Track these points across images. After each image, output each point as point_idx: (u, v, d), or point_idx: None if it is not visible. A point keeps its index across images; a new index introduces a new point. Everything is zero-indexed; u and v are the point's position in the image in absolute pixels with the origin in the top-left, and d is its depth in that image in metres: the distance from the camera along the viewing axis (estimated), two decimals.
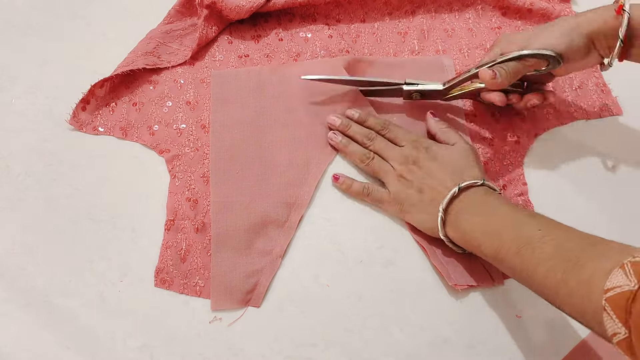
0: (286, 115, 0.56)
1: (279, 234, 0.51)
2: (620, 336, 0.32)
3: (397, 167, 0.51)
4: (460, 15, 0.64)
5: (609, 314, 0.32)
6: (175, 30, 0.61)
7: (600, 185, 0.54)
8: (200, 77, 0.59)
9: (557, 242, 0.39)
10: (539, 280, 0.39)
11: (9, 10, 0.64)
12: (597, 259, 0.35)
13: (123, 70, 0.57)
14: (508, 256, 0.42)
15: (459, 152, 0.51)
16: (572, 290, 0.36)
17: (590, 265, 0.36)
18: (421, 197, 0.49)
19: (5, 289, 0.48)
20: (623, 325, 0.31)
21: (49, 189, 0.53)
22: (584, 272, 0.36)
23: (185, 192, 0.52)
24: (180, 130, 0.56)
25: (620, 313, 0.32)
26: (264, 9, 0.61)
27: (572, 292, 0.36)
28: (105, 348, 0.46)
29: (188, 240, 0.50)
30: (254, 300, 0.48)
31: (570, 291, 0.36)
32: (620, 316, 0.32)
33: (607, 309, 0.33)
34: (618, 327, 0.32)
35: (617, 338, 0.32)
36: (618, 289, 0.32)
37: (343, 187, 0.53)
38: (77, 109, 0.56)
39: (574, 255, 0.37)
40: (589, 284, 0.35)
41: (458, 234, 0.46)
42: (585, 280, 0.35)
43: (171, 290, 0.48)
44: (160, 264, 0.49)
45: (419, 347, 0.46)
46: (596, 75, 0.60)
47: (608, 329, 0.33)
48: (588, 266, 0.36)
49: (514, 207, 0.45)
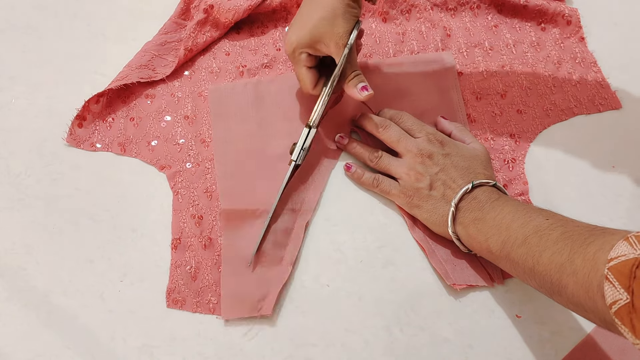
0: (287, 124, 0.56)
1: (287, 242, 0.50)
2: (621, 302, 0.31)
3: (410, 159, 0.51)
4: (457, 15, 0.64)
5: (610, 282, 0.32)
6: (170, 42, 0.61)
7: (600, 181, 0.54)
8: (197, 90, 0.58)
9: (565, 229, 0.39)
10: (544, 265, 0.39)
11: (9, 10, 0.64)
12: (603, 237, 0.35)
13: (117, 85, 0.56)
14: (514, 247, 0.41)
15: (473, 151, 0.51)
16: (577, 268, 0.36)
17: (596, 242, 0.35)
18: (432, 192, 0.49)
19: (5, 289, 0.48)
20: (625, 290, 0.31)
21: (49, 189, 0.53)
22: (589, 249, 0.35)
23: (190, 208, 0.52)
24: (179, 145, 0.55)
25: (623, 279, 0.31)
26: (261, 8, 0.61)
27: (576, 270, 0.36)
28: (105, 348, 0.46)
29: (197, 257, 0.50)
30: (265, 308, 0.47)
31: (575, 269, 0.36)
32: (622, 282, 0.31)
33: (609, 277, 0.32)
34: (620, 294, 0.31)
35: (617, 305, 0.32)
36: (622, 257, 0.32)
37: (354, 177, 0.53)
38: (74, 126, 0.56)
39: (582, 236, 0.37)
40: (594, 260, 0.34)
41: (467, 230, 0.46)
42: (591, 257, 0.35)
43: (184, 310, 0.48)
44: (171, 284, 0.49)
45: (419, 347, 0.46)
46: (595, 70, 0.60)
47: (608, 297, 0.32)
48: (594, 244, 0.35)
49: (523, 204, 0.45)
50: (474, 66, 0.60)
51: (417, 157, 0.50)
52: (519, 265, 0.42)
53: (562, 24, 0.62)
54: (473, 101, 0.58)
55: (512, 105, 0.58)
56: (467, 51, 0.61)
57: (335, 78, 0.50)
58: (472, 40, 0.62)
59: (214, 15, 0.60)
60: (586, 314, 0.37)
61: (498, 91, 0.59)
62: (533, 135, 0.56)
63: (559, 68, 0.60)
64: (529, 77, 0.60)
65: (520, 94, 0.59)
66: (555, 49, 0.61)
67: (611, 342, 0.46)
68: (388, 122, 0.53)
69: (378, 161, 0.53)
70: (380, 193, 0.52)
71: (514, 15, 0.64)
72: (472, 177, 0.48)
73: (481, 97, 0.59)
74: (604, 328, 0.36)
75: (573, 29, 0.62)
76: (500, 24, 0.63)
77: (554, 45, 0.62)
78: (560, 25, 0.63)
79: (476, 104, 0.58)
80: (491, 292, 0.49)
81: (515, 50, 0.61)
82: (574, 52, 0.61)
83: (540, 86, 0.59)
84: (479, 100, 0.58)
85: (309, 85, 0.52)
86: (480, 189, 0.47)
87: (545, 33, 0.63)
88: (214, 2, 0.60)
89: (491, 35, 0.62)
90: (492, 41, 0.62)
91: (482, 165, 0.50)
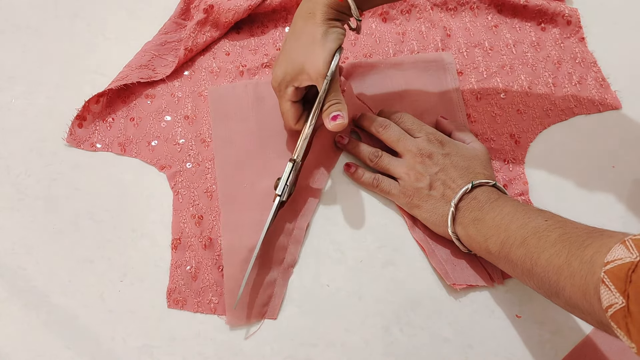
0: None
1: (288, 243, 0.50)
2: (616, 306, 0.31)
3: (410, 159, 0.51)
4: (457, 15, 0.64)
5: (606, 286, 0.32)
6: (170, 42, 0.61)
7: (600, 181, 0.54)
8: (197, 90, 0.58)
9: (563, 230, 0.39)
10: (542, 266, 0.39)
11: (9, 10, 0.64)
12: (601, 239, 0.35)
13: (117, 85, 0.56)
14: (513, 248, 0.42)
15: (473, 151, 0.51)
16: (574, 271, 0.36)
17: (594, 245, 0.35)
18: (432, 192, 0.49)
19: (5, 289, 0.48)
20: (621, 294, 0.31)
21: (49, 189, 0.53)
22: (587, 252, 0.35)
23: (190, 208, 0.52)
24: (179, 145, 0.55)
25: (619, 283, 0.31)
26: (261, 8, 0.61)
27: (574, 272, 0.36)
28: (105, 348, 0.46)
29: (197, 257, 0.50)
30: (270, 312, 0.47)
31: (573, 272, 0.36)
32: (618, 286, 0.31)
33: (605, 281, 0.32)
34: (615, 297, 0.31)
35: (613, 309, 0.32)
36: (619, 261, 0.32)
37: (354, 176, 0.53)
38: (74, 126, 0.55)
39: (580, 239, 0.37)
40: (591, 263, 0.34)
41: (466, 230, 0.46)
42: (588, 260, 0.35)
43: (185, 310, 0.48)
44: (172, 284, 0.49)
45: (419, 347, 0.46)
46: (595, 70, 0.60)
47: (604, 301, 0.32)
48: (592, 247, 0.35)
49: (522, 204, 0.45)
50: (474, 66, 0.60)
51: (416, 157, 0.50)
52: (517, 266, 0.42)
53: (562, 24, 0.62)
54: (473, 101, 0.58)
55: (512, 105, 0.58)
56: (467, 51, 0.61)
57: (316, 112, 0.49)
58: (472, 40, 0.62)
59: (214, 15, 0.60)
60: (583, 316, 0.37)
61: (498, 91, 0.59)
62: (533, 135, 0.56)
63: (559, 68, 0.60)
64: (529, 77, 0.60)
65: (520, 94, 0.59)
66: (555, 49, 0.61)
67: (611, 342, 0.46)
68: (388, 122, 0.53)
69: (378, 161, 0.52)
70: (380, 193, 0.52)
71: (514, 15, 0.64)
72: (472, 177, 0.48)
73: (481, 97, 0.59)
74: (601, 330, 0.36)
75: (573, 29, 0.62)
76: (500, 24, 0.63)
77: (554, 45, 0.62)
78: (560, 25, 0.63)
79: (476, 104, 0.58)
80: (491, 292, 0.49)
81: (515, 50, 0.61)
82: (574, 52, 0.61)
83: (540, 86, 0.59)
84: (479, 100, 0.58)
85: (291, 121, 0.51)
86: (480, 189, 0.47)
87: (545, 33, 0.63)
88: (214, 2, 0.60)
89: (491, 35, 0.62)
90: (492, 41, 0.62)
91: (482, 165, 0.50)
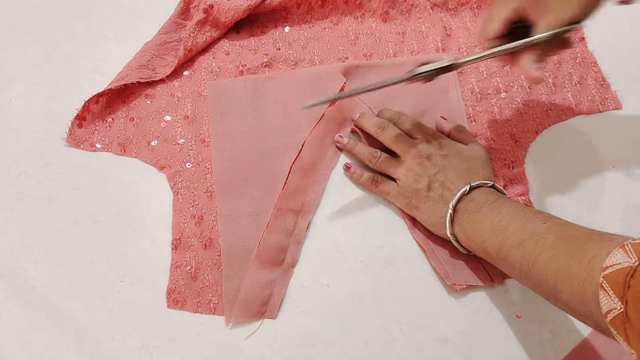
0: (286, 121, 0.56)
1: (289, 243, 0.50)
2: (615, 312, 0.31)
3: (408, 160, 0.51)
4: (457, 15, 0.64)
5: (605, 291, 0.32)
6: (169, 42, 0.61)
7: (600, 181, 0.54)
8: (197, 90, 0.58)
9: (562, 233, 0.39)
10: (540, 269, 0.39)
11: (9, 10, 0.64)
12: (600, 243, 0.35)
13: (117, 85, 0.56)
14: (510, 250, 0.42)
15: (473, 152, 0.51)
16: (572, 274, 0.36)
17: (592, 249, 0.35)
18: (430, 194, 0.49)
19: (5, 289, 0.48)
20: (620, 300, 0.31)
21: (49, 189, 0.53)
22: (585, 255, 0.35)
23: (190, 208, 0.52)
24: (179, 145, 0.55)
25: (618, 289, 0.31)
26: (261, 8, 0.61)
27: (572, 276, 0.36)
28: (105, 348, 0.46)
29: (197, 257, 0.50)
30: (269, 312, 0.48)
31: (571, 275, 0.36)
32: (617, 292, 0.31)
33: (604, 286, 0.32)
34: (614, 303, 0.31)
35: (612, 315, 0.31)
36: (617, 265, 0.32)
37: (354, 177, 0.53)
38: (73, 126, 0.55)
39: (578, 242, 0.37)
40: (590, 267, 0.34)
41: (465, 232, 0.46)
42: (586, 264, 0.35)
43: (185, 311, 0.48)
44: (171, 284, 0.49)
45: (419, 347, 0.46)
46: (595, 69, 0.60)
47: (603, 306, 0.32)
48: (590, 250, 0.35)
49: (521, 206, 0.45)
50: (474, 66, 0.60)
51: (415, 158, 0.50)
52: (515, 268, 0.42)
53: None
54: (473, 101, 0.58)
55: (512, 105, 0.58)
56: (467, 51, 0.61)
57: (518, 46, 0.44)
58: (472, 40, 0.62)
59: (214, 15, 0.60)
60: (582, 318, 0.37)
61: (498, 91, 0.59)
62: (533, 135, 0.56)
63: (559, 68, 0.60)
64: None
65: (520, 94, 0.59)
66: None
67: (611, 342, 0.46)
68: (387, 123, 0.53)
69: (377, 162, 0.52)
70: (379, 194, 0.52)
71: None
72: (471, 178, 0.48)
73: (481, 97, 0.59)
74: (600, 332, 0.36)
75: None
76: None
77: None
78: None
79: (476, 104, 0.58)
80: (491, 292, 0.49)
81: None
82: (574, 52, 0.61)
83: (540, 86, 0.59)
84: (479, 100, 0.58)
85: (497, 27, 0.45)
86: (478, 190, 0.47)
87: None
88: (213, 2, 0.60)
89: None
90: None
91: (481, 166, 0.50)
